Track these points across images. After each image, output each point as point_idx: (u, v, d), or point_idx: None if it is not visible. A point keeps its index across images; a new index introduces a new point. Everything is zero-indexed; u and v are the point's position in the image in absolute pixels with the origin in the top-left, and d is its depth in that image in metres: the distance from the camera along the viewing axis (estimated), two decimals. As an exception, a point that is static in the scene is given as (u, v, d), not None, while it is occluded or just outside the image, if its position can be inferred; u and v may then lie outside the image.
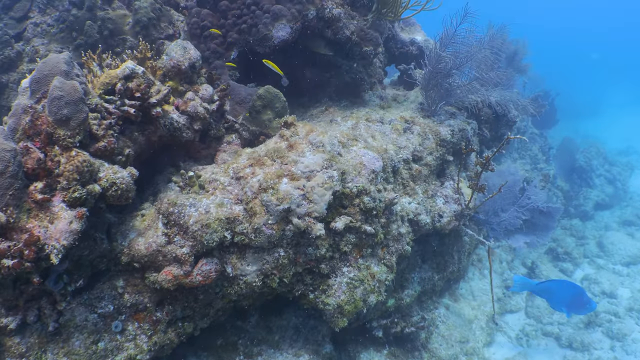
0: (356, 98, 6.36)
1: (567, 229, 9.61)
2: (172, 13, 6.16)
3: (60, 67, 3.89)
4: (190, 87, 5.14)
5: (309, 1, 5.50)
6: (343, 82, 6.27)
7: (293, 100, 6.57)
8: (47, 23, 5.89)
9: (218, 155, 5.35)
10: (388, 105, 6.38)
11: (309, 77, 6.37)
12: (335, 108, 6.07)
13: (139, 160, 4.87)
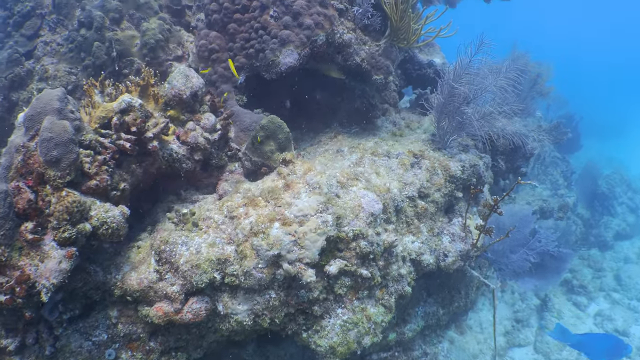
0: (368, 124, 6.10)
1: (585, 259, 9.19)
2: (182, 33, 6.00)
3: (53, 105, 3.85)
4: (192, 115, 4.98)
5: (318, 26, 5.25)
6: (354, 108, 6.04)
7: (303, 124, 6.37)
8: (56, 42, 5.81)
9: (219, 184, 5.20)
10: (400, 132, 6.11)
11: (320, 101, 6.15)
12: (344, 135, 5.84)
13: (139, 188, 4.75)
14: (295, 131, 6.35)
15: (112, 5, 5.66)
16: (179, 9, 6.15)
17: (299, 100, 6.25)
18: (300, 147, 6.08)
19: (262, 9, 5.49)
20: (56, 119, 3.80)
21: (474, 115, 5.11)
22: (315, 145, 5.94)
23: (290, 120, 6.20)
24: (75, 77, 5.72)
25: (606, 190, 11.17)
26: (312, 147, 5.94)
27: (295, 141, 6.21)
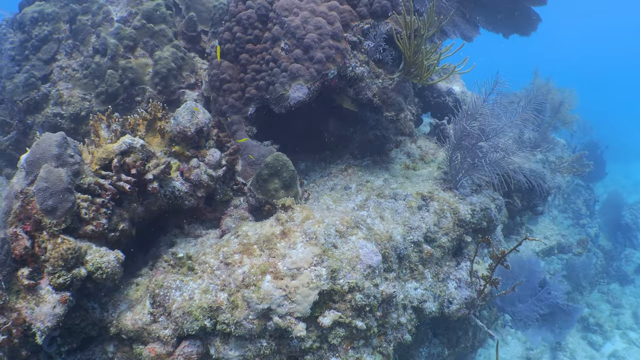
0: (380, 155, 5.90)
1: (605, 294, 8.77)
2: (196, 60, 5.90)
3: (52, 151, 3.87)
4: (198, 151, 4.87)
5: (329, 60, 5.06)
6: (367, 139, 5.85)
7: (314, 154, 6.21)
8: (72, 67, 5.78)
9: (223, 219, 5.11)
10: (414, 165, 5.89)
11: (332, 131, 5.98)
12: (354, 169, 5.65)
13: (142, 223, 4.66)
14: (306, 161, 6.21)
15: (127, 33, 5.58)
16: (194, 36, 6.04)
17: (311, 129, 6.08)
18: (310, 177, 5.91)
19: (273, 41, 5.33)
20: (54, 165, 3.82)
21: (486, 160, 4.82)
22: (326, 178, 5.76)
23: (301, 150, 6.07)
24: (88, 102, 5.69)
25: (630, 221, 10.64)
26: (322, 179, 5.77)
27: (306, 171, 6.07)
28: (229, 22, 5.70)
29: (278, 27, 5.33)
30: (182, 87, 5.80)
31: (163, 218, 5.01)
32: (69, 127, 5.75)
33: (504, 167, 5.10)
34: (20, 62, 5.98)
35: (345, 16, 5.36)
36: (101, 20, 5.74)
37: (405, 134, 6.45)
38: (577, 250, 7.65)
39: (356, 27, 5.45)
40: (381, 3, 5.50)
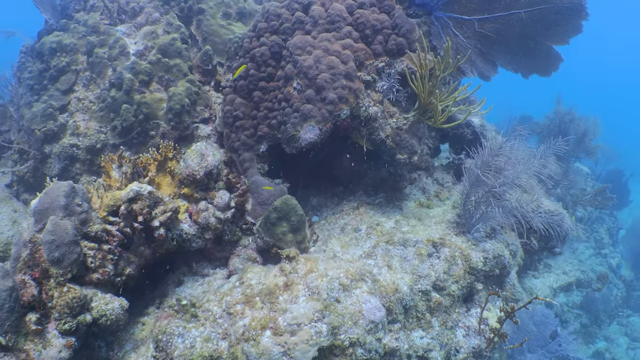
0: (394, 192, 5.82)
1: (624, 326, 8.46)
2: (211, 94, 5.91)
3: (60, 202, 3.97)
4: (207, 193, 4.89)
5: (342, 100, 5.00)
6: (380, 176, 5.76)
7: (327, 189, 6.15)
8: (89, 99, 5.86)
9: (232, 259, 5.13)
10: (428, 203, 5.79)
11: (346, 166, 5.93)
12: (366, 207, 5.60)
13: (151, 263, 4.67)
14: (318, 196, 6.16)
15: (142, 67, 5.62)
16: (210, 69, 6.05)
17: (324, 164, 6.02)
18: (322, 214, 5.86)
19: (286, 80, 5.29)
20: (62, 215, 3.93)
21: (499, 210, 4.68)
22: (337, 215, 5.71)
23: (314, 185, 6.01)
24: (104, 135, 5.76)
25: (653, 249, 10.26)
26: (333, 217, 5.71)
27: (318, 207, 6.02)
28: (242, 58, 5.69)
29: (291, 65, 5.28)
30: (196, 121, 5.81)
31: (171, 258, 5.01)
32: (85, 158, 5.82)
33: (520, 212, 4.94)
34: (39, 92, 6.09)
35: (360, 55, 5.27)
36: (117, 54, 5.78)
37: (421, 168, 6.34)
38: (596, 286, 7.41)
39: (370, 65, 5.36)
40: (396, 41, 5.40)
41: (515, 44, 5.36)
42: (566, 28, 5.05)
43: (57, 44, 6.13)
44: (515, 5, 5.25)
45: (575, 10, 4.98)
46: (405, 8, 5.71)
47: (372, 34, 5.46)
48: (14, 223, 5.90)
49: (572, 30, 5.03)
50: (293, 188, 6.22)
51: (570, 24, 5.02)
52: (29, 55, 6.51)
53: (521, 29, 5.25)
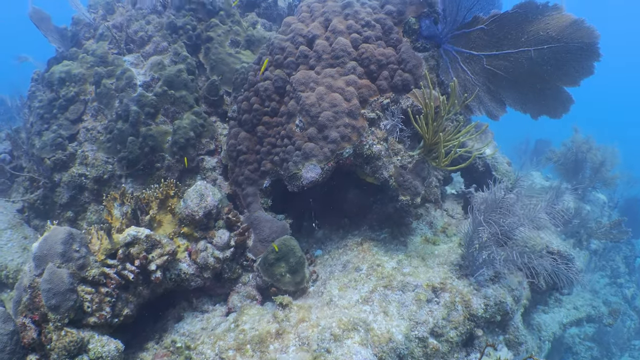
0: (400, 227, 5.77)
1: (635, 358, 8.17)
2: (217, 126, 5.94)
3: (57, 250, 4.11)
4: (206, 232, 4.92)
5: (344, 139, 4.95)
6: (385, 212, 5.67)
7: (333, 221, 6.16)
8: (97, 130, 5.96)
9: (231, 296, 5.19)
10: (434, 239, 5.72)
11: (351, 199, 5.91)
12: (370, 244, 5.57)
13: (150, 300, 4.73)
14: (324, 228, 6.16)
15: (148, 99, 5.65)
16: (216, 100, 6.00)
17: (330, 196, 5.97)
18: (326, 247, 5.84)
19: (289, 116, 5.26)
20: (60, 262, 4.08)
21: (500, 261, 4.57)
22: (341, 250, 5.69)
23: (319, 217, 5.98)
24: (111, 166, 5.85)
25: (670, 279, 9.90)
26: (337, 251, 5.69)
27: (322, 240, 6.02)
28: (247, 91, 5.68)
29: (294, 102, 5.25)
30: (202, 153, 5.84)
31: (172, 294, 5.04)
32: (92, 187, 5.91)
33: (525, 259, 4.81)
34: (49, 120, 6.21)
35: (363, 92, 5.21)
36: (124, 86, 5.83)
37: (429, 200, 6.24)
38: (607, 321, 7.19)
39: (375, 102, 5.29)
40: (402, 77, 5.31)
41: (524, 84, 5.20)
42: (577, 69, 4.87)
43: (66, 74, 6.22)
44: (524, 43, 5.10)
45: (586, 50, 4.79)
46: (412, 41, 5.60)
47: (377, 69, 5.38)
48: (24, 250, 6.02)
49: (583, 71, 4.85)
50: (299, 219, 6.20)
51: (581, 65, 4.85)
52: (39, 84, 6.63)
53: (530, 67, 5.09)
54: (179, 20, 6.41)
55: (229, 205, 5.52)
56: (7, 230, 6.08)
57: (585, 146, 8.49)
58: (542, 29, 4.98)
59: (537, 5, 5.00)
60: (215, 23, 6.53)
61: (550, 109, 5.15)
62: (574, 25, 4.82)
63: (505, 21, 5.19)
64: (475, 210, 5.00)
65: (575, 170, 8.61)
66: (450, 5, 5.54)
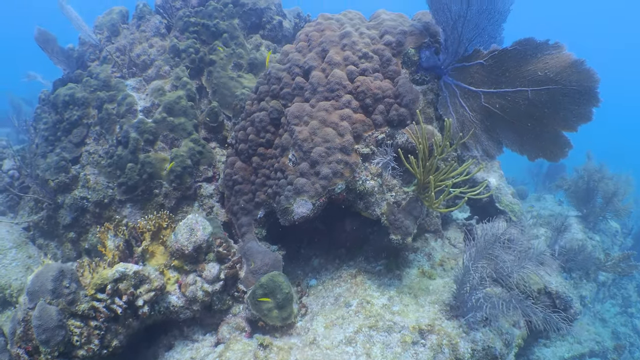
0: (396, 259, 5.82)
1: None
2: (215, 153, 6.06)
3: (47, 287, 4.37)
4: (196, 266, 5.03)
5: (337, 175, 5.00)
6: (382, 243, 5.68)
7: (330, 250, 6.20)
8: (99, 154, 6.14)
9: (221, 326, 5.39)
10: (430, 272, 5.76)
11: (348, 230, 6.00)
12: (364, 277, 5.65)
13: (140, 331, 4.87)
14: (320, 257, 6.27)
15: (147, 127, 5.81)
16: (216, 126, 6.08)
17: (327, 225, 6.00)
18: (321, 277, 5.95)
19: (282, 150, 5.34)
20: (50, 298, 4.34)
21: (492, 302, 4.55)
22: (335, 281, 5.79)
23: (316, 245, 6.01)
24: (112, 190, 6.06)
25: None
26: (331, 282, 5.79)
27: (318, 269, 6.12)
28: (244, 120, 5.77)
29: (288, 135, 5.31)
30: (199, 180, 5.98)
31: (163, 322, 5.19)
32: (93, 210, 6.10)
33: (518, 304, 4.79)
34: (53, 142, 6.43)
35: (358, 127, 5.26)
36: (125, 112, 6.00)
37: (429, 231, 6.26)
38: (612, 356, 7.05)
39: (370, 137, 5.32)
40: (398, 111, 5.32)
41: (521, 125, 5.14)
42: (574, 114, 4.78)
43: (69, 97, 6.41)
44: (521, 82, 5.04)
45: (585, 94, 4.70)
46: (411, 73, 5.58)
47: (372, 103, 5.40)
48: (27, 269, 6.27)
49: (581, 117, 4.75)
50: (296, 246, 6.29)
51: (579, 110, 4.75)
52: (44, 105, 6.81)
53: (527, 108, 5.03)
54: (182, 44, 6.51)
55: (223, 234, 5.63)
56: (12, 249, 6.33)
57: (597, 175, 8.30)
58: (541, 69, 4.90)
59: (537, 43, 4.92)
60: (218, 46, 6.59)
61: (548, 152, 5.06)
62: (573, 67, 4.72)
63: (504, 58, 5.13)
64: (467, 253, 4.98)
65: (586, 199, 8.42)
66: (452, 35, 5.48)
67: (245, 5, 7.04)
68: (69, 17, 6.62)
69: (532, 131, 5.12)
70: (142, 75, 6.60)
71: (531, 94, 4.98)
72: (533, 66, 4.98)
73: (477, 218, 6.43)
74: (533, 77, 4.97)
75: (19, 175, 7.13)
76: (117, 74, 6.61)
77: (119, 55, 6.63)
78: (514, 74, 5.11)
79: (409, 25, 5.82)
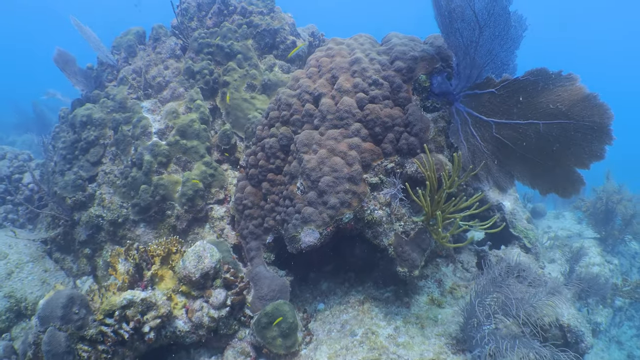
0: (406, 285, 5.85)
1: None
2: (228, 174, 6.18)
3: (57, 313, 4.59)
4: (203, 292, 5.16)
5: (344, 205, 5.03)
6: (391, 270, 5.69)
7: (339, 273, 6.23)
8: (114, 174, 6.31)
9: (227, 349, 5.56)
10: (440, 300, 5.77)
11: (358, 254, 6.01)
12: (371, 304, 5.71)
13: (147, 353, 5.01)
14: (329, 280, 6.32)
15: (161, 149, 5.94)
16: (228, 148, 6.17)
17: (337, 249, 6.03)
18: (329, 302, 6.00)
19: (291, 177, 5.40)
20: (59, 324, 4.57)
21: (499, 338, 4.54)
22: (342, 307, 5.84)
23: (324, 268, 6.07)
24: (126, 210, 6.20)
25: None
26: (338, 308, 5.84)
27: (326, 293, 6.17)
28: (255, 145, 5.85)
29: (296, 163, 5.36)
30: (210, 203, 6.10)
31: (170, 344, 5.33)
32: (108, 229, 6.28)
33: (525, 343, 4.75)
34: (71, 161, 6.62)
35: (366, 156, 5.27)
36: (139, 134, 6.13)
37: (441, 255, 6.21)
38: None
39: (379, 166, 5.32)
40: (408, 140, 5.31)
41: (532, 158, 5.09)
42: (586, 150, 4.70)
43: (87, 118, 6.59)
44: (533, 115, 4.98)
45: (597, 131, 4.61)
46: (422, 99, 5.57)
47: (382, 132, 5.40)
48: (43, 283, 6.48)
49: (592, 154, 4.66)
50: (305, 269, 6.35)
51: (591, 147, 4.67)
52: (63, 123, 7.00)
53: (538, 142, 4.97)
54: (196, 66, 6.62)
55: (232, 258, 5.74)
56: (29, 263, 6.55)
57: (616, 196, 8.14)
58: (553, 102, 4.83)
59: (549, 74, 4.85)
60: (232, 67, 6.70)
61: (559, 188, 4.99)
62: (586, 101, 4.64)
63: (516, 88, 5.08)
64: (473, 289, 4.95)
65: (605, 220, 8.26)
66: (464, 60, 5.45)
67: (259, 26, 7.12)
68: (87, 37, 6.79)
69: (543, 166, 5.05)
70: (158, 96, 6.75)
71: (542, 127, 4.92)
72: (545, 98, 4.91)
73: (490, 244, 6.37)
74: (545, 109, 4.90)
75: (39, 188, 7.36)
76: (133, 96, 6.78)
77: (135, 77, 6.80)
78: (525, 105, 5.05)
79: (420, 50, 5.79)
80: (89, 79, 7.15)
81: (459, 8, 5.35)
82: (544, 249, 7.67)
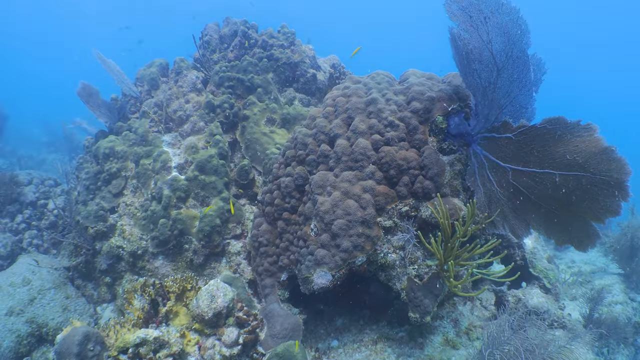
0: (420, 326, 5.80)
1: None
2: (245, 210, 6.33)
3: (73, 350, 4.88)
4: (216, 330, 5.29)
5: (357, 248, 5.11)
6: (406, 309, 5.71)
7: (354, 310, 6.30)
8: (134, 206, 6.51)
9: None
10: (454, 342, 5.87)
11: (373, 292, 6.09)
12: (384, 345, 5.81)
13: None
14: (344, 316, 6.39)
15: (180, 184, 6.12)
16: (246, 183, 6.30)
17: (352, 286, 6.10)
18: (343, 339, 6.11)
19: (305, 218, 5.51)
20: None
21: None
22: (356, 345, 5.96)
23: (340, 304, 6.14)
24: (145, 242, 6.34)
25: None
26: (352, 346, 5.96)
27: (341, 329, 6.28)
28: (271, 183, 5.96)
29: (310, 204, 5.46)
30: (227, 238, 6.23)
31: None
32: (127, 260, 6.48)
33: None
34: (94, 191, 6.86)
35: (380, 200, 5.34)
36: (159, 168, 6.33)
37: (457, 295, 6.17)
38: None
39: (393, 209, 5.38)
40: (423, 184, 5.36)
41: (548, 208, 5.07)
42: (601, 205, 4.67)
43: (109, 150, 6.83)
44: (549, 164, 4.96)
45: (613, 186, 4.58)
46: (439, 141, 5.60)
47: (397, 174, 5.45)
48: (64, 310, 6.72)
49: (608, 210, 4.63)
50: (320, 305, 6.39)
51: (606, 202, 4.64)
52: (87, 154, 7.25)
53: (554, 193, 4.95)
54: (217, 100, 6.80)
55: (247, 295, 5.86)
56: (51, 289, 6.81)
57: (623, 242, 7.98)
58: (570, 152, 4.80)
59: (567, 124, 4.83)
60: (252, 101, 6.85)
61: (575, 241, 4.96)
62: (603, 154, 4.61)
63: (533, 135, 5.07)
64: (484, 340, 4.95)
65: (630, 256, 8.11)
66: (482, 101, 5.47)
67: (279, 59, 7.26)
68: (110, 70, 7.03)
69: (558, 216, 5.02)
70: (178, 130, 6.95)
71: (559, 178, 4.89)
72: (562, 148, 4.88)
73: (509, 284, 6.34)
74: (562, 160, 4.87)
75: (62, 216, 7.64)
76: (155, 129, 6.99)
77: (156, 111, 7.02)
78: (542, 154, 5.03)
79: (438, 90, 5.82)
80: (112, 110, 7.41)
81: (477, 50, 5.36)
82: (566, 286, 7.58)
